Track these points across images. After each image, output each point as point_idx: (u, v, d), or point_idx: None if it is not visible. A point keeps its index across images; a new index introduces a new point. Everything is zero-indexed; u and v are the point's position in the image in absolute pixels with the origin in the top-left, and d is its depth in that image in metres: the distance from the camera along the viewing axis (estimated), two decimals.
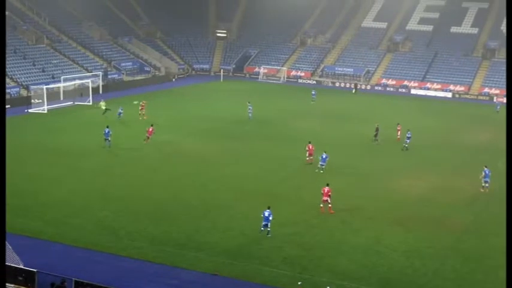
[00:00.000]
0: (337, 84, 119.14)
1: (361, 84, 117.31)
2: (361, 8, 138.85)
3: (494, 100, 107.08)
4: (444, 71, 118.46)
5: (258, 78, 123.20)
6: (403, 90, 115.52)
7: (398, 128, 69.59)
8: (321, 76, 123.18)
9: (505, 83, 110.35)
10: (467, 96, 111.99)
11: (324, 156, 54.86)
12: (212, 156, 59.81)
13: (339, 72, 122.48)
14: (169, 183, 49.98)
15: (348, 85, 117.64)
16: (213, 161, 57.97)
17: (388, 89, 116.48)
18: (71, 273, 30.71)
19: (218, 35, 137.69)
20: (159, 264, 34.87)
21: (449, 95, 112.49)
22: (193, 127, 72.33)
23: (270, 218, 39.06)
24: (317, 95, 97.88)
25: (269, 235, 39.12)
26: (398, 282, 33.99)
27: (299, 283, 32.35)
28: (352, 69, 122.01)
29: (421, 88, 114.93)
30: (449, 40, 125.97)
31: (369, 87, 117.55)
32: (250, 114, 78.57)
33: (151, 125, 64.15)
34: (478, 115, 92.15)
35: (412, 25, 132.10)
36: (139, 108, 76.23)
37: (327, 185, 44.59)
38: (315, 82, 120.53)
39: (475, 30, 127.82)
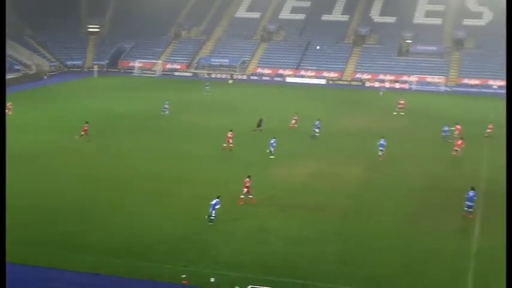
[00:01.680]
0: (213, 76, 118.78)
1: (237, 74, 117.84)
2: None
3: (367, 84, 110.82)
4: (317, 58, 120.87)
5: (132, 72, 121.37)
6: (279, 78, 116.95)
7: (294, 118, 70.58)
8: (196, 68, 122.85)
9: (376, 68, 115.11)
10: (341, 82, 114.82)
11: (272, 142, 57.26)
12: (92, 153, 58.22)
13: (215, 63, 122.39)
14: (47, 184, 48.28)
15: (224, 76, 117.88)
16: (93, 158, 56.47)
17: (263, 78, 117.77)
18: None
19: (90, 30, 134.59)
20: (37, 267, 33.61)
21: (323, 81, 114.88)
22: (70, 125, 69.73)
23: (216, 207, 40.10)
24: (210, 86, 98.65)
25: (211, 223, 39.77)
26: (282, 268, 34.20)
27: (182, 276, 32.05)
28: (227, 60, 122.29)
29: (296, 76, 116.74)
30: (321, 28, 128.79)
31: (244, 77, 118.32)
32: (166, 112, 76.38)
33: (86, 123, 63.35)
34: (362, 100, 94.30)
35: (285, 14, 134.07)
36: (7, 110, 72.99)
37: (248, 176, 44.76)
38: (191, 74, 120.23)
39: (345, 18, 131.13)
